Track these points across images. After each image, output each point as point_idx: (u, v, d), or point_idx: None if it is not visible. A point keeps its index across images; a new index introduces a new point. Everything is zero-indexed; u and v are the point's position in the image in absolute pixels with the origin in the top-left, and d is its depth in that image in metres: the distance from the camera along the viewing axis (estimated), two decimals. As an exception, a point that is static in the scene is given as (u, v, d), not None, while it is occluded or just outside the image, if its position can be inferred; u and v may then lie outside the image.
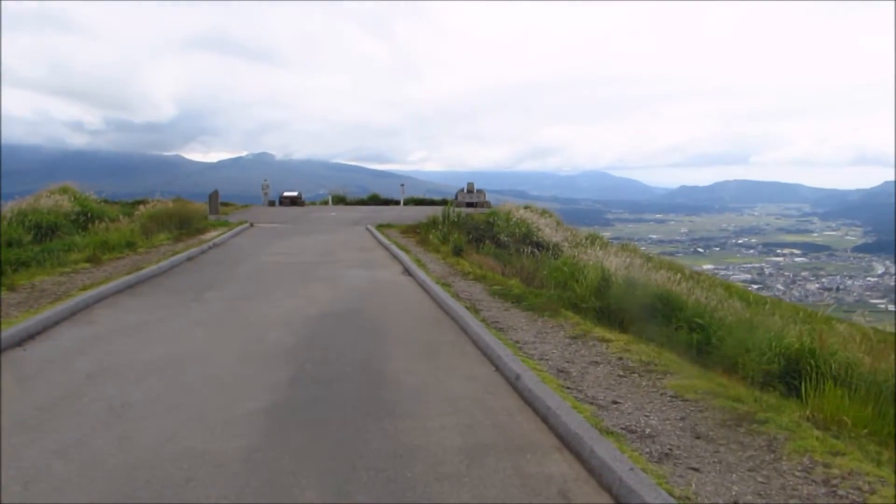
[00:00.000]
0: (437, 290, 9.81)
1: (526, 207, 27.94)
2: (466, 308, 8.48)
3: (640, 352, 6.72)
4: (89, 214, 19.79)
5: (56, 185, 21.85)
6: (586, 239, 26.95)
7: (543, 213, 28.44)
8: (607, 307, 9.76)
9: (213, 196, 27.08)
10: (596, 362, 6.36)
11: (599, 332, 7.40)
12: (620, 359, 6.47)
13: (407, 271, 12.61)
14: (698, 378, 5.86)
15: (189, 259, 14.09)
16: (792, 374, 7.52)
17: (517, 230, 23.03)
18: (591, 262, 18.54)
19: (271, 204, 34.54)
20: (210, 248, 16.30)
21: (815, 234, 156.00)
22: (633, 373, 6.02)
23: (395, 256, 14.91)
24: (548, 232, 24.44)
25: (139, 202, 26.71)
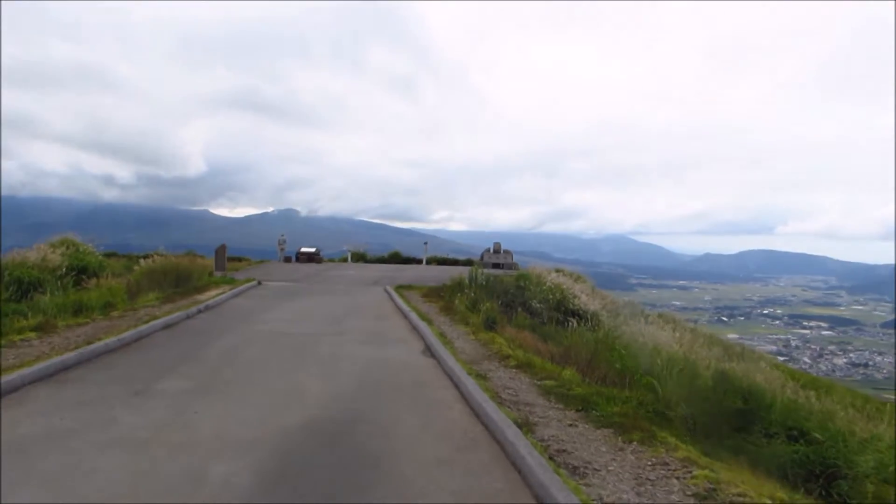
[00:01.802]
0: (471, 385, 7.18)
1: (557, 271, 25.50)
2: (516, 424, 5.80)
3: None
4: (84, 269, 18.01)
5: (57, 238, 20.32)
6: (623, 307, 24.53)
7: (577, 278, 26.06)
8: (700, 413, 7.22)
9: (220, 250, 24.95)
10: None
11: (728, 475, 4.74)
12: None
13: (429, 350, 10.02)
14: None
15: (166, 327, 11.68)
16: None
17: (551, 296, 20.66)
18: (640, 340, 16.03)
19: (287, 260, 32.80)
20: (199, 311, 13.95)
21: (842, 308, 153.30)
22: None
23: (414, 328, 12.42)
24: (584, 299, 22.00)
25: (144, 256, 24.93)
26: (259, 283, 20.62)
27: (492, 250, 34.02)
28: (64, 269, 17.52)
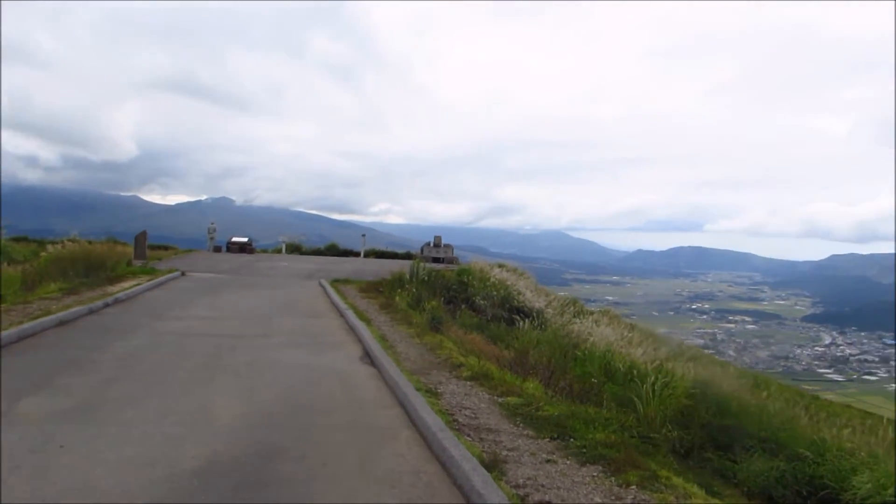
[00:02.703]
0: (420, 405, 5.82)
1: (500, 266, 24.51)
2: (483, 464, 4.47)
3: None
4: None
5: None
6: (565, 304, 23.74)
7: (520, 274, 25.13)
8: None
9: (140, 237, 22.91)
10: None
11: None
12: None
13: (368, 356, 8.62)
14: None
15: (60, 324, 9.96)
16: None
17: (495, 293, 19.62)
18: (590, 340, 15.10)
19: (217, 250, 30.82)
20: (105, 305, 12.22)
21: (765, 303, 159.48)
22: None
23: (352, 328, 11.03)
24: (529, 296, 21.07)
25: (53, 242, 22.81)
26: (182, 273, 18.86)
27: (432, 244, 32.90)
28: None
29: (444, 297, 17.94)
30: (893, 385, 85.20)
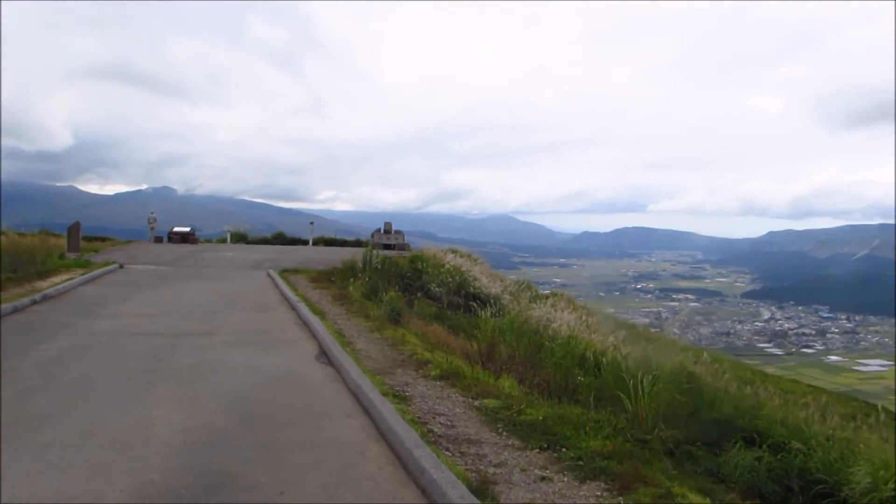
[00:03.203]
0: (388, 412, 5.14)
1: (453, 252, 23.93)
2: (470, 488, 3.81)
3: None
4: None
5: None
6: (520, 288, 23.38)
7: (474, 259, 24.61)
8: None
9: (73, 229, 21.50)
10: None
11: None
12: None
13: (325, 355, 7.89)
14: None
15: (-23, 325, 9.01)
16: None
17: (450, 280, 19.03)
18: (553, 326, 14.68)
19: (158, 240, 29.45)
20: (32, 303, 11.17)
21: (707, 281, 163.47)
22: None
23: (305, 323, 10.26)
24: (484, 282, 20.56)
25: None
26: (121, 266, 17.73)
27: (382, 230, 32.15)
28: None
29: (399, 285, 17.31)
30: (833, 359, 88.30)
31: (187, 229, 30.66)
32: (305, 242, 32.01)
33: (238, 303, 12.37)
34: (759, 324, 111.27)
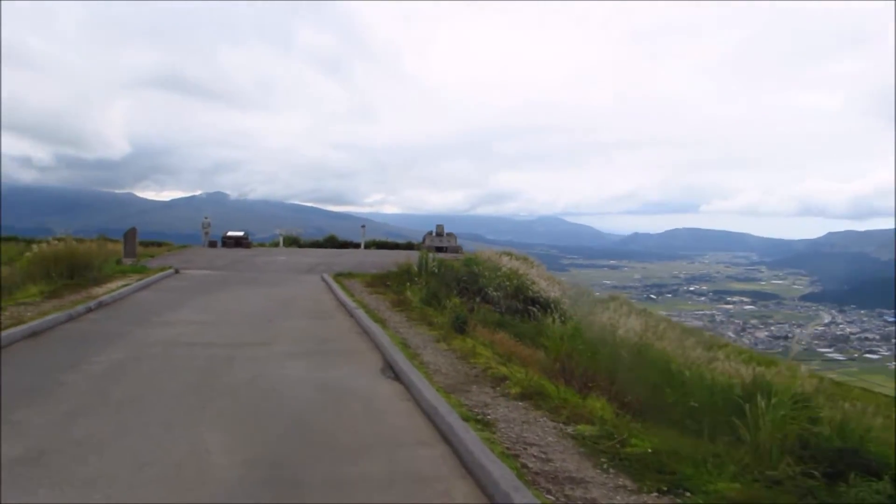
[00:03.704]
0: (473, 442, 4.50)
1: (507, 254, 23.24)
2: None
3: None
4: None
5: None
6: (583, 294, 22.59)
7: (530, 262, 23.90)
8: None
9: (129, 234, 21.50)
10: None
11: None
12: None
13: (391, 368, 7.28)
14: None
15: (31, 335, 8.62)
16: None
17: (508, 283, 18.35)
18: (619, 333, 13.87)
19: (212, 245, 29.52)
20: (87, 310, 10.88)
21: (763, 283, 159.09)
22: None
23: (365, 331, 9.71)
24: (543, 285, 19.79)
25: (37, 241, 21.53)
26: (176, 271, 17.55)
27: (434, 233, 31.63)
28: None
29: (456, 290, 16.73)
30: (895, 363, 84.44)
31: (241, 233, 30.69)
32: (357, 246, 31.74)
33: (294, 309, 11.91)
34: (819, 328, 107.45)
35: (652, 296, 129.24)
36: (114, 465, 4.31)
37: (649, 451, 4.44)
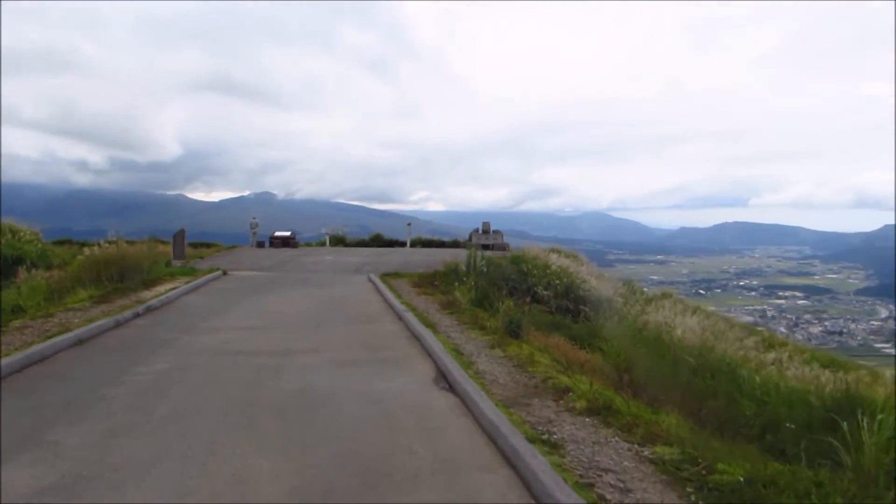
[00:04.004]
0: (543, 470, 4.04)
1: (555, 251, 22.68)
2: None
3: None
4: (20, 259, 15.68)
5: None
6: (635, 291, 21.97)
7: (580, 259, 23.31)
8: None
9: (178, 236, 21.63)
10: None
11: None
12: None
13: (444, 378, 6.88)
14: None
15: (78, 343, 8.49)
16: None
17: (558, 282, 17.82)
18: (678, 333, 13.26)
19: (260, 245, 29.71)
20: (135, 315, 10.77)
21: (816, 277, 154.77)
22: None
23: (415, 335, 9.35)
24: (594, 283, 19.21)
25: (87, 244, 21.88)
26: (224, 273, 17.53)
27: (480, 230, 31.22)
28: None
29: (505, 289, 16.29)
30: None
31: (288, 233, 30.77)
32: (403, 244, 31.53)
33: (342, 312, 11.63)
34: (876, 323, 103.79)
35: (700, 291, 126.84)
36: (152, 494, 3.99)
37: (740, 479, 3.95)
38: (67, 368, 7.24)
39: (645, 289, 25.15)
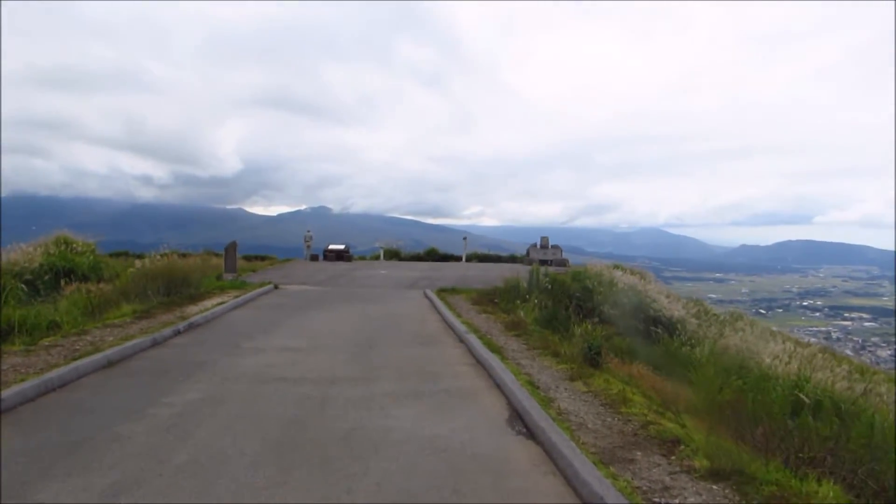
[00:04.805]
0: None
1: (619, 268, 21.37)
2: None
3: None
4: (71, 271, 15.30)
5: (54, 235, 17.48)
6: (702, 310, 20.39)
7: (646, 277, 21.92)
8: None
9: (230, 249, 21.08)
10: None
11: None
12: None
13: (520, 419, 5.72)
14: None
15: (107, 366, 7.65)
16: None
17: (626, 300, 16.54)
18: (766, 362, 11.82)
19: (314, 258, 29.30)
20: (175, 333, 9.95)
21: (885, 298, 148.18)
22: None
23: (481, 363, 8.22)
24: (664, 302, 17.82)
25: (140, 256, 21.62)
26: (275, 287, 16.82)
27: (538, 245, 30.07)
28: (31, 273, 14.11)
29: (570, 307, 15.11)
30: None
31: (342, 247, 30.26)
32: (458, 259, 30.63)
33: (396, 332, 10.60)
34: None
35: (761, 310, 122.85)
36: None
37: None
38: (86, 398, 6.32)
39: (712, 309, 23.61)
